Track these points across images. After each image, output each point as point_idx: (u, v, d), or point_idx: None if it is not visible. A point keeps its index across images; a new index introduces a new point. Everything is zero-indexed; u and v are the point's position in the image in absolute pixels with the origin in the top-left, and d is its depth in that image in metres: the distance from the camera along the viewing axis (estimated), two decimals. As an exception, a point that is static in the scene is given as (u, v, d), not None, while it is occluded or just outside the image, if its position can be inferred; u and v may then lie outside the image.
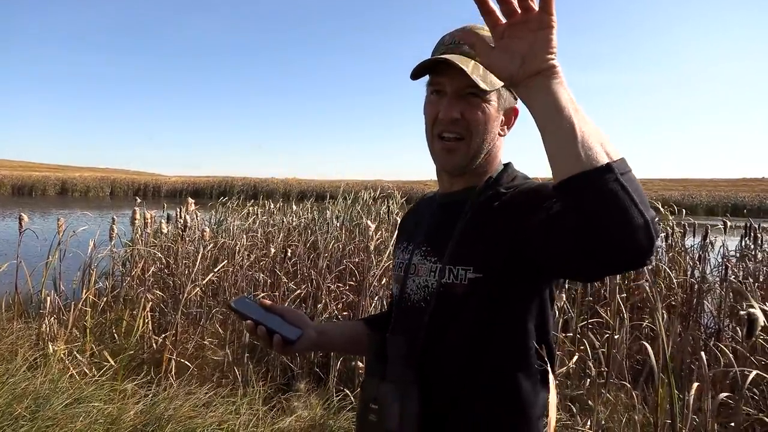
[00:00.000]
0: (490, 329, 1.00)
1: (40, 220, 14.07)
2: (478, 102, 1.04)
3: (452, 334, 1.01)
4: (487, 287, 0.98)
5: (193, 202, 5.78)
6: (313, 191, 28.91)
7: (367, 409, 0.99)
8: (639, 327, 4.27)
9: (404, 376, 1.00)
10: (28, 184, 40.27)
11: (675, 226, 5.96)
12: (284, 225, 6.56)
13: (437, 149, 1.08)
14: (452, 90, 1.04)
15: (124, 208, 13.36)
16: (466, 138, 1.04)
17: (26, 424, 2.37)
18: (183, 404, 2.69)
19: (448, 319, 1.02)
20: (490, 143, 1.07)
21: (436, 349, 1.03)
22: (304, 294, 4.82)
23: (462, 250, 1.02)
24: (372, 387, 1.01)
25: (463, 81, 1.01)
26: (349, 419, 2.95)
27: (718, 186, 57.72)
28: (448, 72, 1.02)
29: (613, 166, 0.74)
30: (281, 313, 1.12)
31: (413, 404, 0.98)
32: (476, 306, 0.99)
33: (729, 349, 3.12)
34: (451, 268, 1.02)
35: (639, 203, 0.73)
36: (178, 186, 43.67)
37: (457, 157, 1.06)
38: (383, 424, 0.97)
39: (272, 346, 1.08)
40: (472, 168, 1.08)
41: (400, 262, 1.18)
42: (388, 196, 7.48)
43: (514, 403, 1.00)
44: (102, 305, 4.30)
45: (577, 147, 0.75)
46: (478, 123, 1.04)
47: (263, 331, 1.07)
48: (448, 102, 1.04)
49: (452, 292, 1.01)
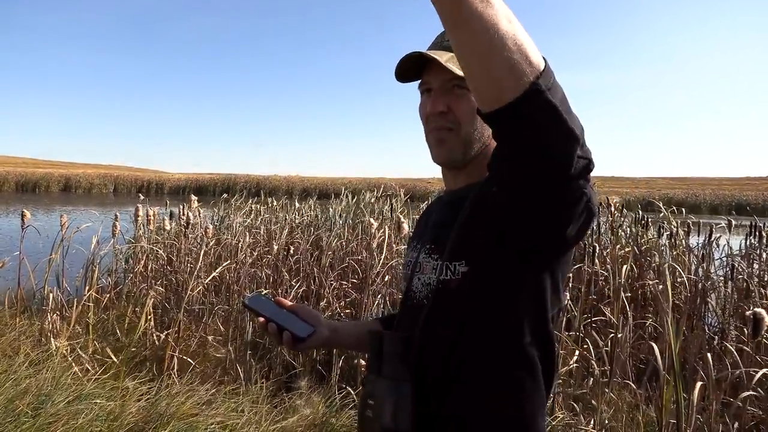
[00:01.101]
0: (480, 324, 0.98)
1: (43, 217, 14.10)
2: (464, 93, 1.04)
3: (443, 330, 1.01)
4: (474, 280, 0.98)
5: (196, 200, 5.78)
6: (316, 189, 28.93)
7: (365, 405, 1.00)
8: (642, 326, 4.26)
9: (398, 373, 1.00)
10: (31, 180, 40.36)
11: (679, 225, 5.94)
12: (287, 222, 6.55)
13: (431, 144, 1.09)
14: (437, 85, 1.05)
15: (128, 205, 13.35)
16: (455, 129, 1.05)
17: (28, 420, 2.37)
18: (185, 402, 2.68)
19: (445, 316, 1.01)
20: (482, 133, 1.06)
21: (430, 346, 1.02)
22: (306, 291, 4.82)
23: (457, 246, 1.02)
24: (369, 383, 1.02)
25: (446, 74, 1.02)
26: (352, 417, 2.94)
27: (722, 185, 57.58)
28: (432, 69, 1.04)
29: (541, 85, 0.72)
30: (295, 310, 1.15)
31: (407, 401, 0.98)
32: (465, 300, 0.98)
33: (734, 349, 3.10)
34: (449, 264, 1.02)
35: (567, 121, 0.74)
36: (182, 183, 43.74)
37: (447, 148, 1.06)
38: (378, 420, 0.97)
39: (282, 343, 1.09)
40: (468, 159, 1.07)
41: (408, 261, 1.18)
42: (392, 195, 7.47)
43: (507, 400, 0.98)
44: (104, 302, 4.31)
45: (499, 63, 0.71)
46: (466, 113, 1.04)
47: (273, 328, 1.09)
48: (433, 96, 1.05)
49: (448, 287, 1.01)
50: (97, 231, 4.97)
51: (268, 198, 8.22)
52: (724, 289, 4.92)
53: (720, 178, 66.16)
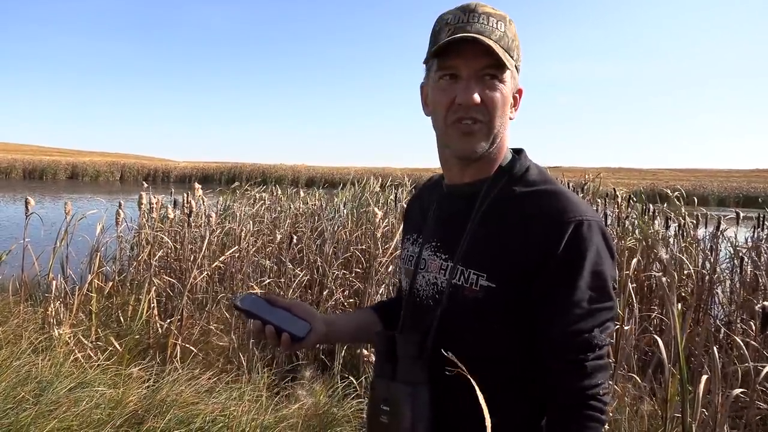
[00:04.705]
0: (505, 337, 0.97)
1: (50, 204, 14.15)
2: (495, 84, 0.97)
3: (465, 339, 0.98)
4: (502, 298, 0.96)
5: (200, 187, 5.77)
6: (322, 178, 28.89)
7: (378, 411, 0.97)
8: (648, 318, 4.22)
9: (415, 377, 0.97)
10: (39, 168, 40.50)
11: (687, 216, 5.88)
12: (291, 211, 6.53)
13: (453, 135, 1.00)
14: (469, 72, 0.97)
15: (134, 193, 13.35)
16: (486, 122, 0.98)
17: (30, 407, 2.37)
18: (185, 389, 2.68)
19: (460, 322, 1.00)
20: (505, 127, 1.02)
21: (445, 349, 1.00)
22: (309, 281, 4.80)
23: (474, 253, 0.99)
24: (382, 388, 0.99)
25: (481, 61, 0.96)
26: (354, 407, 2.93)
27: (730, 176, 57.08)
28: (464, 52, 0.96)
29: None
30: (288, 307, 1.08)
31: (425, 405, 0.96)
32: (490, 315, 0.97)
33: (740, 342, 3.07)
34: (463, 270, 0.99)
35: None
36: (188, 172, 43.74)
37: (476, 141, 0.99)
38: (396, 425, 0.95)
39: (280, 345, 1.04)
40: (488, 153, 1.02)
41: (409, 255, 1.15)
42: (398, 185, 7.44)
43: (528, 410, 0.98)
44: (108, 290, 4.31)
45: None
46: (497, 106, 0.98)
47: (271, 330, 1.03)
48: (466, 85, 0.96)
49: (464, 294, 0.98)
50: (102, 219, 4.96)
51: (273, 186, 8.20)
52: (731, 282, 4.88)
53: (729, 170, 65.57)
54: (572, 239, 0.92)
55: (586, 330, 0.92)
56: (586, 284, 0.92)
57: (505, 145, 1.06)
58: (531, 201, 0.98)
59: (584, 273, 0.92)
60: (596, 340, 0.92)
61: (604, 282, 0.94)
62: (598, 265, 0.93)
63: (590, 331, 0.92)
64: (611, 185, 6.90)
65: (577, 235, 0.93)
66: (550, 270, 0.93)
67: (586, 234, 0.93)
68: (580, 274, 0.92)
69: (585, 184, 6.44)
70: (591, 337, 0.92)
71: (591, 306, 0.92)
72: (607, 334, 0.94)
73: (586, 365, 0.91)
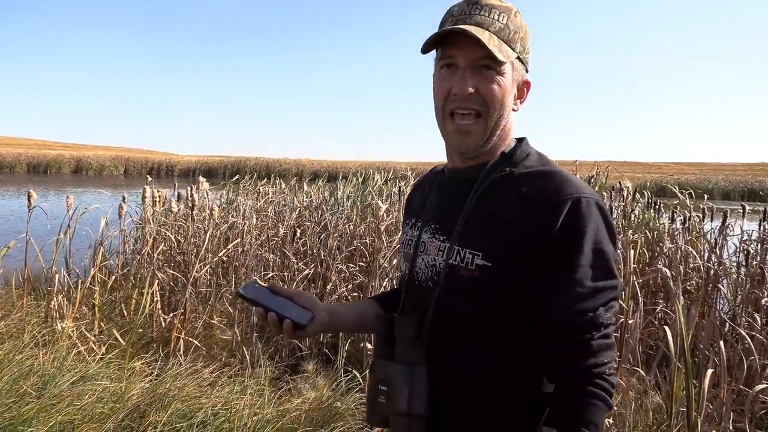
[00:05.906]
0: (501, 316, 0.97)
1: (55, 198, 14.18)
2: (492, 75, 0.98)
3: (461, 319, 0.99)
4: (498, 277, 0.96)
5: (204, 181, 5.75)
6: (326, 171, 28.88)
7: (377, 391, 0.99)
8: (652, 311, 4.20)
9: (412, 357, 0.98)
10: (43, 162, 40.54)
11: (691, 210, 5.83)
12: (295, 205, 6.52)
13: (450, 131, 1.02)
14: (466, 63, 0.98)
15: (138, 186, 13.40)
16: (483, 114, 0.99)
17: (32, 401, 2.37)
18: (188, 383, 2.68)
19: (457, 302, 1.00)
20: (505, 119, 1.02)
21: (445, 332, 1.01)
22: (313, 274, 4.80)
23: (471, 232, 0.99)
24: (381, 368, 1.00)
25: (477, 52, 0.96)
26: (357, 401, 2.92)
27: (736, 170, 56.75)
28: (461, 43, 0.96)
29: None
30: (290, 296, 1.09)
31: (422, 384, 0.96)
32: (487, 295, 0.97)
33: (746, 335, 3.05)
34: (459, 249, 0.99)
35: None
36: (192, 165, 43.72)
37: (471, 139, 1.00)
38: (393, 405, 0.96)
39: (282, 332, 1.05)
40: (486, 147, 1.03)
41: (409, 239, 1.15)
42: (402, 178, 7.42)
43: (525, 387, 0.98)
44: (111, 283, 4.31)
45: None
46: (495, 97, 0.98)
47: (273, 317, 1.04)
48: (462, 75, 0.98)
49: (460, 274, 0.99)
50: (107, 212, 4.96)
51: (277, 180, 8.18)
52: (737, 276, 4.84)
53: (734, 164, 65.16)
54: (569, 217, 0.92)
55: (591, 309, 0.91)
56: (588, 262, 0.91)
57: (509, 135, 1.07)
58: (529, 181, 0.98)
59: (585, 251, 0.91)
60: (602, 319, 0.91)
61: (606, 260, 0.93)
62: (599, 243, 0.93)
63: (595, 310, 0.91)
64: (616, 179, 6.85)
65: (574, 213, 0.92)
66: (547, 249, 0.92)
67: (584, 211, 0.92)
68: (580, 252, 0.91)
69: (592, 177, 6.39)
70: (596, 316, 0.91)
71: (595, 284, 0.91)
72: (612, 313, 0.93)
73: (592, 344, 0.90)
